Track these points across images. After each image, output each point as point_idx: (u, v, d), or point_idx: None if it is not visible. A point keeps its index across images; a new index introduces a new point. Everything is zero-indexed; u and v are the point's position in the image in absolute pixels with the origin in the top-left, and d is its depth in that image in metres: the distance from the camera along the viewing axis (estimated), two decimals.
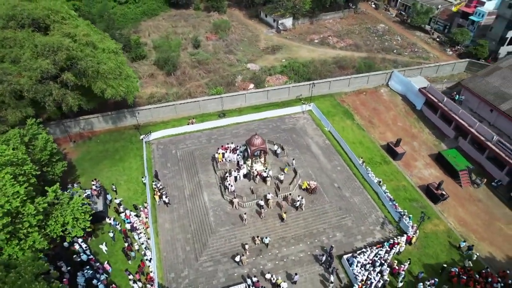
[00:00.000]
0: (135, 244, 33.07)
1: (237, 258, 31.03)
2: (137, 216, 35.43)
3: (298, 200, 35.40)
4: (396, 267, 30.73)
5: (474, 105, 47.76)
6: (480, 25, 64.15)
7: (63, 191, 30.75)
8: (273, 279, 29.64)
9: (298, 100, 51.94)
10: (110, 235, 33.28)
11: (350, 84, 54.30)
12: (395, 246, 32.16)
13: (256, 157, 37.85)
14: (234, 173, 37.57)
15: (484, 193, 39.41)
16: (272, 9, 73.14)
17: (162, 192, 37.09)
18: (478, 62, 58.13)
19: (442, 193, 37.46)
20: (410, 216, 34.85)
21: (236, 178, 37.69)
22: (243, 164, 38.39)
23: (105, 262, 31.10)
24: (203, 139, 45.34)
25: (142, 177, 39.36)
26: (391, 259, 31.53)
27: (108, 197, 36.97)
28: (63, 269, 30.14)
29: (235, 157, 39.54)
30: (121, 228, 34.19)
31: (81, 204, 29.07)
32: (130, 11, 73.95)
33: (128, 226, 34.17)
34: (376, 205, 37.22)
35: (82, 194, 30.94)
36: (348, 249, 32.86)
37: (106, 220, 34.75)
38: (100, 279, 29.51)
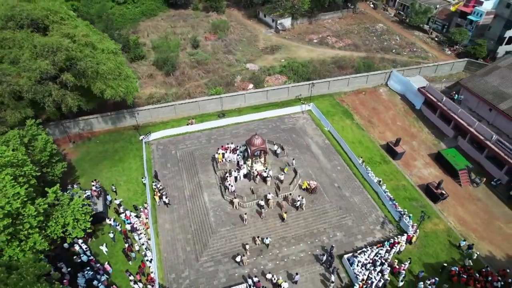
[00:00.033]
0: (135, 245, 33.01)
1: (237, 258, 31.01)
2: (137, 216, 35.37)
3: (299, 200, 35.42)
4: (397, 267, 30.78)
5: (473, 104, 47.89)
6: (479, 25, 64.32)
7: (63, 192, 30.66)
8: (274, 279, 29.64)
9: (298, 100, 51.96)
10: (110, 235, 33.20)
11: (349, 84, 54.35)
12: (396, 245, 32.22)
13: (256, 157, 37.84)
14: (234, 173, 37.55)
15: (484, 192, 39.52)
16: (271, 9, 73.00)
17: (162, 192, 37.02)
18: (476, 62, 58.29)
19: (441, 192, 37.54)
20: (410, 215, 34.92)
21: (236, 178, 37.67)
22: (243, 164, 38.37)
23: (106, 263, 31.04)
24: (203, 140, 45.29)
25: (142, 178, 39.29)
26: (391, 259, 31.58)
27: (108, 198, 36.86)
28: (63, 270, 30.06)
29: (235, 157, 39.52)
30: (121, 228, 34.11)
31: (81, 205, 28.99)
32: (128, 11, 73.74)
33: (128, 227, 34.11)
34: (376, 205, 37.28)
35: (82, 195, 30.85)
36: (349, 249, 32.90)
37: (106, 221, 34.67)
38: (100, 280, 29.45)
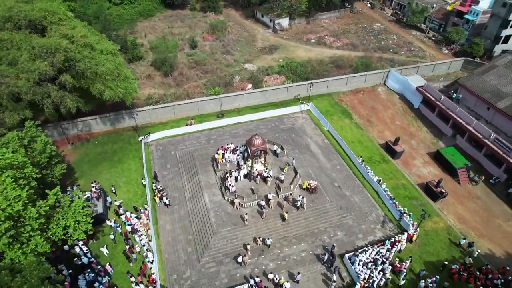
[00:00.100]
0: (136, 246, 32.90)
1: (239, 259, 30.98)
2: (138, 218, 35.23)
3: (299, 199, 35.46)
4: (398, 265, 30.90)
5: (471, 103, 48.18)
6: (475, 24, 64.74)
7: (63, 193, 30.52)
8: (276, 279, 29.65)
9: (297, 99, 52.04)
10: (111, 237, 33.06)
11: (348, 84, 54.48)
12: (396, 244, 32.34)
13: (256, 157, 37.83)
14: (234, 173, 37.54)
15: (483, 191, 39.76)
16: (269, 9, 73.00)
17: (162, 193, 36.92)
18: (473, 61, 58.60)
19: (441, 191, 37.72)
20: (410, 214, 35.07)
21: (236, 178, 37.65)
22: (243, 165, 38.36)
23: (107, 264, 30.89)
24: (202, 140, 45.22)
25: (142, 179, 39.16)
26: (392, 257, 31.69)
27: (108, 199, 36.72)
28: (64, 272, 29.85)
29: (235, 157, 39.50)
30: (121, 230, 33.96)
31: (82, 206, 28.85)
32: (125, 12, 73.46)
33: (129, 228, 33.97)
34: (376, 204, 37.38)
35: (82, 196, 30.70)
36: (350, 248, 32.95)
37: (106, 222, 34.50)
38: (102, 282, 29.34)
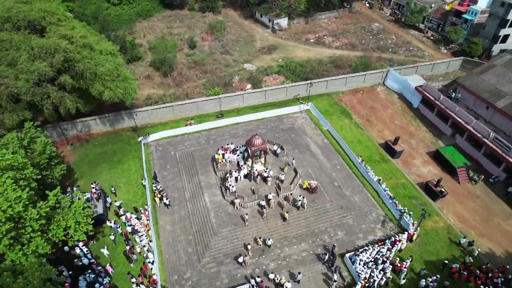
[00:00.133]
0: (136, 247, 32.84)
1: (240, 259, 30.98)
2: (138, 218, 35.19)
3: (299, 199, 35.48)
4: (398, 265, 30.95)
5: (470, 102, 48.32)
6: (473, 23, 64.82)
7: (63, 194, 30.43)
8: (277, 279, 29.64)
9: (296, 99, 52.06)
10: (111, 238, 32.99)
11: (347, 83, 54.54)
12: (397, 243, 32.40)
13: (256, 157, 37.82)
14: (234, 173, 37.53)
15: (482, 190, 39.88)
16: (267, 9, 73.05)
17: (162, 194, 36.88)
18: (472, 60, 58.76)
19: (441, 190, 37.80)
20: (410, 213, 35.15)
21: (236, 178, 37.64)
22: (243, 165, 38.35)
23: (108, 264, 30.82)
24: (202, 140, 45.19)
25: (142, 179, 39.10)
26: (393, 257, 31.75)
27: (108, 200, 36.66)
28: (64, 273, 29.79)
29: (235, 157, 39.49)
30: (122, 231, 33.91)
31: (82, 207, 28.78)
32: (124, 12, 73.36)
33: (129, 229, 33.93)
34: (376, 203, 37.44)
35: (83, 197, 30.63)
36: (350, 248, 33.00)
37: (106, 223, 34.44)
38: (102, 282, 29.28)
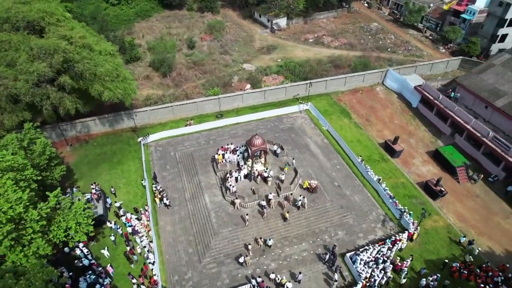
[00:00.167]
0: (137, 248, 32.78)
1: (240, 259, 30.98)
2: (138, 219, 35.13)
3: (300, 199, 35.50)
4: (399, 264, 31.02)
5: (470, 102, 48.44)
6: (472, 23, 65.01)
7: (63, 195, 30.34)
8: (278, 279, 29.64)
9: (295, 99, 52.08)
10: (112, 238, 32.93)
11: (346, 83, 54.59)
12: (397, 243, 32.46)
13: (256, 158, 37.82)
14: (234, 173, 37.52)
15: (481, 189, 39.99)
16: (266, 9, 73.03)
17: (162, 194, 36.84)
18: (470, 60, 58.91)
19: (440, 190, 37.88)
20: (410, 212, 35.21)
21: (237, 178, 37.63)
22: (243, 165, 38.34)
23: (108, 265, 30.77)
24: (202, 140, 45.15)
25: (142, 180, 39.04)
26: (393, 256, 31.80)
27: (108, 201, 36.60)
28: (65, 274, 29.71)
29: (235, 157, 39.48)
30: (122, 231, 33.84)
31: (83, 208, 28.72)
32: (123, 13, 73.32)
33: (129, 230, 33.87)
34: (376, 203, 37.49)
35: (83, 198, 30.57)
36: (351, 247, 33.03)
37: (106, 224, 34.38)
38: (103, 283, 29.22)
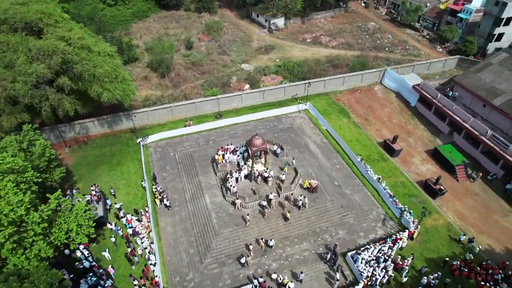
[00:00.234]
0: (138, 249, 32.67)
1: (242, 260, 30.97)
2: (139, 220, 35.02)
3: (300, 199, 35.53)
4: (400, 263, 31.14)
5: (468, 100, 48.71)
6: (468, 22, 65.43)
7: (63, 197, 30.19)
8: (280, 279, 29.65)
9: (294, 99, 52.13)
10: (112, 240, 32.80)
11: (345, 83, 54.71)
12: (398, 241, 32.58)
13: (256, 158, 37.81)
14: (235, 174, 37.49)
15: (480, 187, 40.21)
16: (264, 9, 73.05)
17: (162, 195, 36.74)
18: (467, 59, 59.26)
19: (440, 188, 38.04)
20: (411, 211, 35.35)
21: (237, 179, 37.61)
22: (243, 165, 38.33)
23: (109, 267, 30.64)
24: (201, 141, 45.08)
25: (142, 181, 38.92)
26: (394, 255, 31.93)
27: (108, 202, 36.47)
28: (66, 276, 29.59)
29: (235, 158, 39.45)
30: (122, 233, 33.72)
31: (84, 210, 28.59)
32: (120, 13, 73.11)
33: (130, 231, 33.75)
34: (376, 202, 37.60)
35: (83, 200, 30.44)
36: (352, 246, 33.12)
37: (107, 225, 34.25)
38: (104, 285, 29.10)
